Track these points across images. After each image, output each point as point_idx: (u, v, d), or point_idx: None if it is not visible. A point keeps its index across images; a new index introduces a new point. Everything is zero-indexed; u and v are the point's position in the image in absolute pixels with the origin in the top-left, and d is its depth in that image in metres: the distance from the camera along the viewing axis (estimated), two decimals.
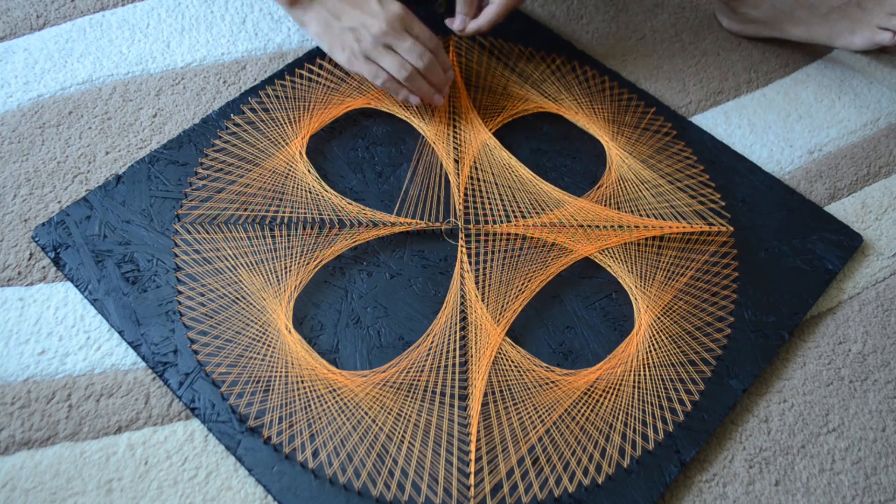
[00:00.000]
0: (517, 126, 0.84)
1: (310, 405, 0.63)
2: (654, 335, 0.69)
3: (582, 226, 0.75)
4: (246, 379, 0.64)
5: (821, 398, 0.69)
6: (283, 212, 0.74)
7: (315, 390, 0.64)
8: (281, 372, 0.65)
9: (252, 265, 0.70)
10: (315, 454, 0.61)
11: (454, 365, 0.66)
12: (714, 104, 0.89)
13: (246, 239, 0.72)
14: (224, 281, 0.69)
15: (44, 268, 0.71)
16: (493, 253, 0.73)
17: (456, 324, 0.69)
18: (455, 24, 0.81)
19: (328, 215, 0.74)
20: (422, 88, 0.76)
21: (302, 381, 0.64)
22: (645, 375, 0.67)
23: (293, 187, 0.76)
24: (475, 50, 0.89)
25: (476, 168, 0.79)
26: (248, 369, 0.65)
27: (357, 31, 0.73)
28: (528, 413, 0.64)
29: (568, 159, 0.81)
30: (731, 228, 0.77)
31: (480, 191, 0.78)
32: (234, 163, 0.77)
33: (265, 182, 0.76)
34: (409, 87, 0.76)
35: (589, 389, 0.66)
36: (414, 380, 0.65)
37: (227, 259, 0.71)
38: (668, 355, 0.68)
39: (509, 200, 0.77)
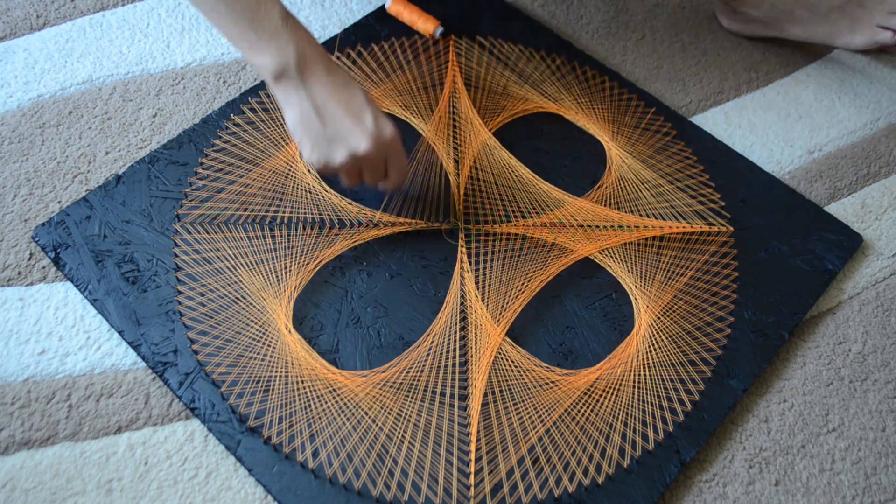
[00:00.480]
0: (517, 126, 0.84)
1: (310, 405, 0.63)
2: (654, 335, 0.69)
3: (582, 226, 0.75)
4: (246, 379, 0.64)
5: (821, 398, 0.69)
6: (283, 212, 0.74)
7: (315, 390, 0.64)
8: (281, 372, 0.65)
9: (252, 265, 0.70)
10: (315, 454, 0.61)
11: (454, 365, 0.66)
12: (714, 104, 0.89)
13: (246, 239, 0.72)
14: (224, 281, 0.69)
15: (44, 268, 0.71)
16: (493, 253, 0.73)
17: (456, 324, 0.69)
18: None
19: (328, 215, 0.74)
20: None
21: (302, 381, 0.64)
22: (645, 375, 0.67)
23: (293, 187, 0.76)
24: (475, 50, 0.89)
25: (476, 168, 0.79)
26: (248, 369, 0.65)
27: (335, 144, 0.65)
28: (528, 413, 0.64)
29: (568, 159, 0.81)
30: (731, 228, 0.77)
31: (480, 191, 0.78)
32: (234, 163, 0.77)
33: (265, 182, 0.76)
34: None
35: (589, 389, 0.66)
36: (414, 380, 0.65)
37: (227, 259, 0.71)
38: (668, 355, 0.68)
39: (509, 200, 0.77)
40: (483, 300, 0.70)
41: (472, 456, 0.62)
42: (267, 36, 0.63)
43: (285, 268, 0.70)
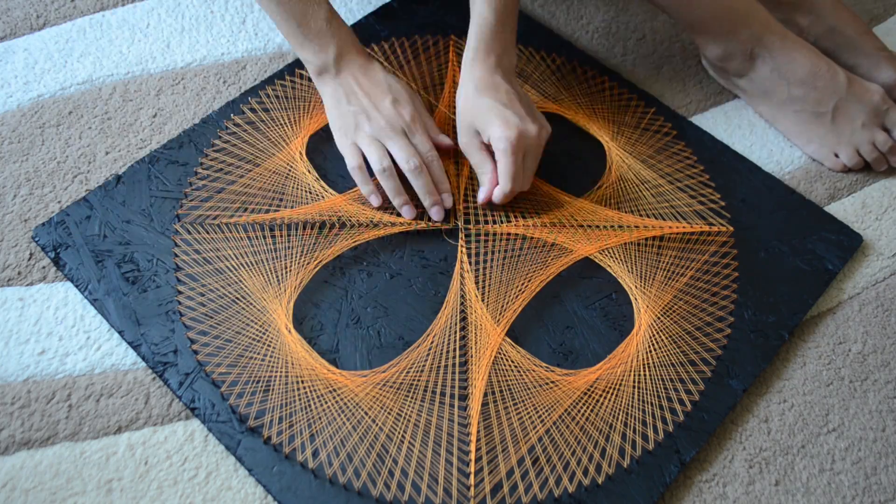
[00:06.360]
0: None
1: (310, 405, 0.63)
2: (654, 335, 0.69)
3: (582, 226, 0.75)
4: (246, 379, 0.64)
5: (821, 398, 0.69)
6: (283, 212, 0.74)
7: (315, 390, 0.64)
8: (281, 372, 0.65)
9: (252, 265, 0.70)
10: (315, 454, 0.61)
11: (454, 365, 0.66)
12: (714, 104, 0.89)
13: (246, 239, 0.72)
14: (224, 281, 0.69)
15: (44, 268, 0.71)
16: (493, 253, 0.73)
17: (456, 324, 0.69)
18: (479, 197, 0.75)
19: (328, 215, 0.74)
20: (396, 190, 0.72)
21: (302, 381, 0.64)
22: (645, 375, 0.67)
23: (293, 187, 0.76)
24: None
25: None
26: (248, 369, 0.65)
27: (357, 117, 0.73)
28: (528, 413, 0.64)
29: (568, 159, 0.81)
30: (731, 228, 0.77)
31: None
32: (234, 163, 0.77)
33: (265, 182, 0.76)
34: (386, 185, 0.72)
35: (589, 389, 0.66)
36: (414, 380, 0.65)
37: (227, 259, 0.71)
38: (668, 355, 0.68)
39: (509, 200, 0.77)
40: (483, 300, 0.70)
41: (472, 456, 0.62)
42: (312, 35, 0.73)
43: (285, 268, 0.70)
